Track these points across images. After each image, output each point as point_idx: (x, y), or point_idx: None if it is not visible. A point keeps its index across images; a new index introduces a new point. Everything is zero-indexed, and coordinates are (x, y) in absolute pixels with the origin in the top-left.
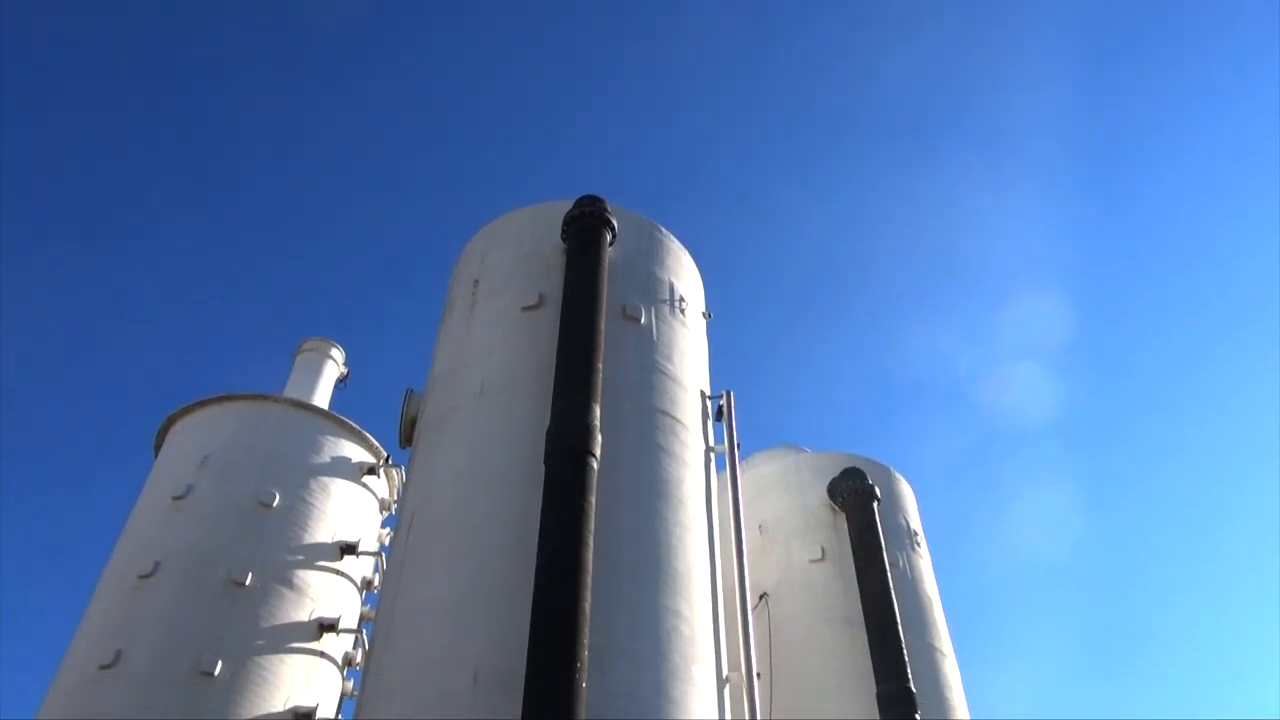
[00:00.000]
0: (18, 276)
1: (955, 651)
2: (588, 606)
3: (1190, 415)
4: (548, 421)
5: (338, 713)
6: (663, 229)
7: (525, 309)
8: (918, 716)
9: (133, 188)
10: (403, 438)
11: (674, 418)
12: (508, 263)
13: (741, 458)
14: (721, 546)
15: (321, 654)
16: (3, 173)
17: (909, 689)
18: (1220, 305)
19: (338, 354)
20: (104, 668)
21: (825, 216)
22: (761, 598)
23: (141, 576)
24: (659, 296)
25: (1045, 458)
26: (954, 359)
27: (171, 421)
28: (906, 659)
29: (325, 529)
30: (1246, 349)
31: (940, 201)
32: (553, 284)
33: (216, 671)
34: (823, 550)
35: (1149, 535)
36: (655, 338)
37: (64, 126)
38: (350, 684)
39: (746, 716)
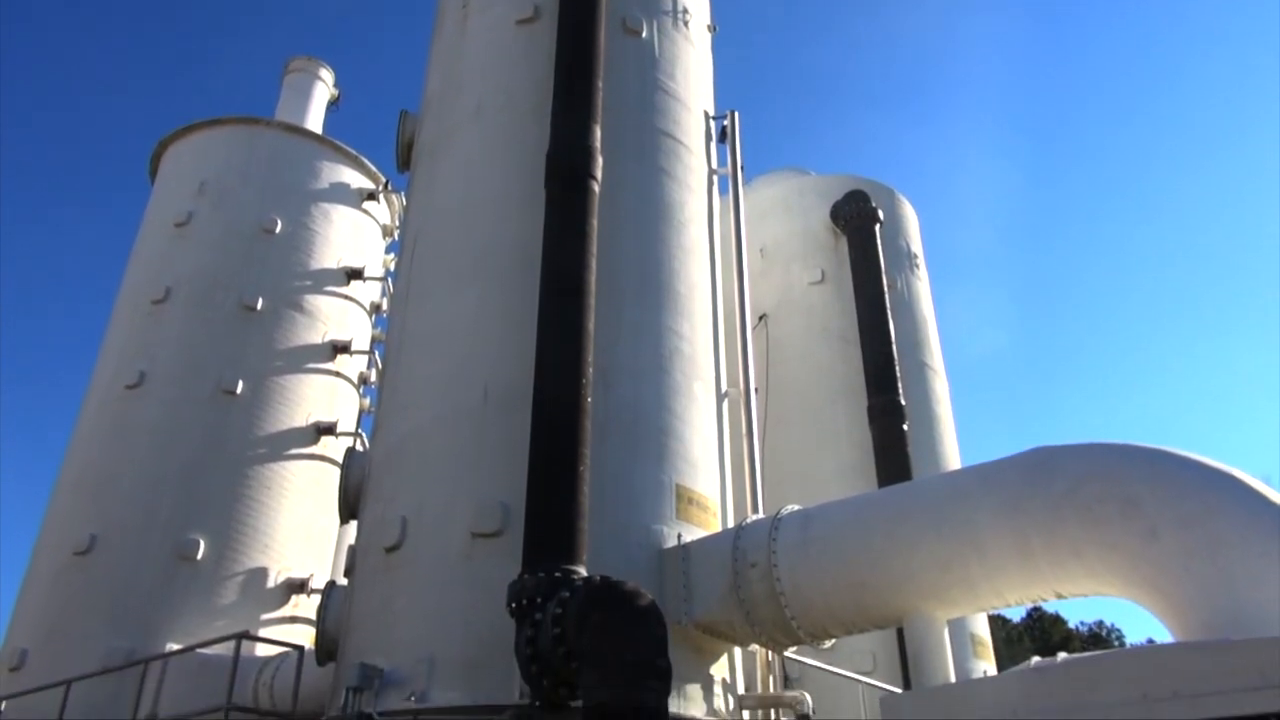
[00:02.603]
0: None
1: (946, 369)
2: (591, 326)
3: None
4: (547, 142)
5: (357, 427)
6: None
7: (520, 22)
8: (905, 426)
9: None
10: (400, 161)
11: (676, 139)
12: None
13: (744, 181)
14: (723, 269)
15: (337, 374)
16: None
17: (898, 401)
18: None
19: (327, 74)
20: (130, 387)
21: None
22: (761, 319)
23: (154, 301)
24: (661, 8)
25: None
26: (964, 71)
27: (163, 146)
28: (899, 374)
29: (330, 255)
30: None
31: None
32: None
33: (238, 390)
34: (823, 273)
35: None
36: (657, 53)
37: None
38: (367, 401)
39: (744, 427)
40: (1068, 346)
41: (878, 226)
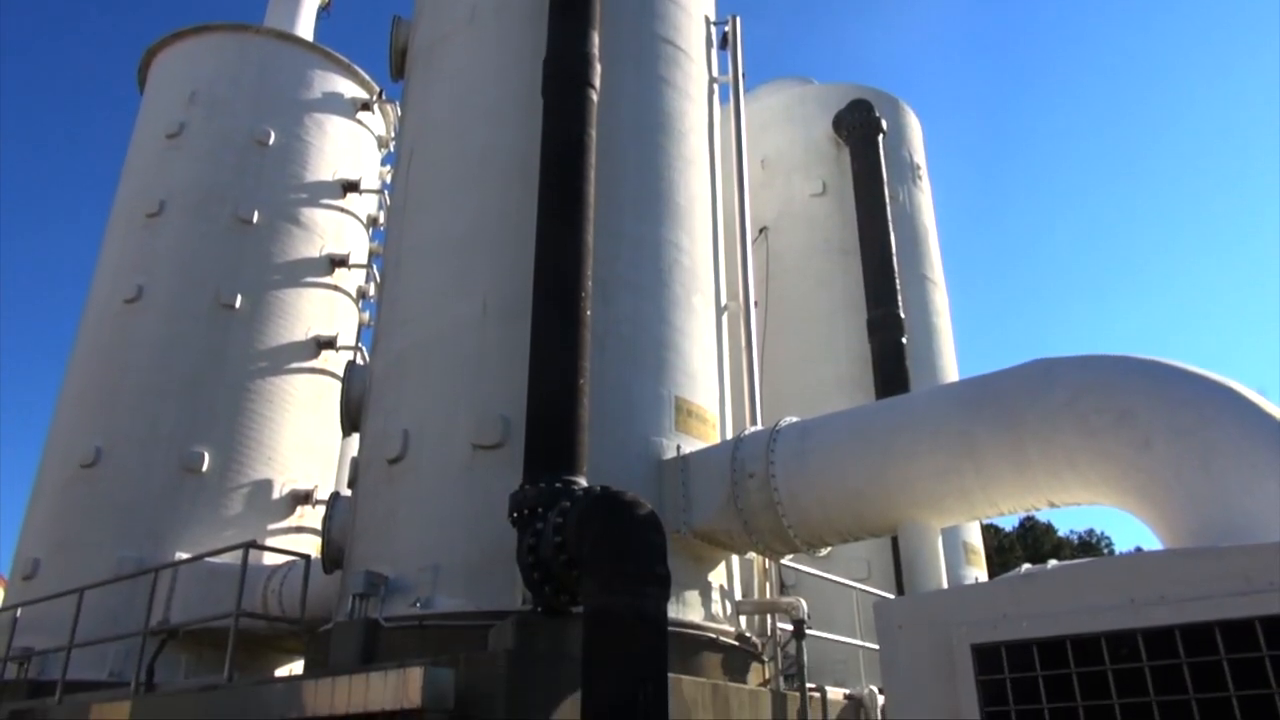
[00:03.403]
0: None
1: (946, 281)
2: (590, 239)
3: None
4: (544, 48)
5: (357, 341)
6: None
7: None
8: (904, 339)
9: None
10: (394, 69)
11: (676, 46)
12: None
13: (746, 89)
14: (723, 181)
15: (335, 288)
16: None
17: (897, 314)
18: None
19: None
20: (129, 301)
21: None
22: (761, 231)
23: (149, 215)
24: None
25: None
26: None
27: (151, 55)
28: (898, 286)
29: (325, 167)
30: None
31: None
32: None
33: (237, 304)
34: (824, 185)
35: None
36: None
37: None
38: (366, 315)
39: (743, 340)
40: (1067, 260)
41: (881, 137)
